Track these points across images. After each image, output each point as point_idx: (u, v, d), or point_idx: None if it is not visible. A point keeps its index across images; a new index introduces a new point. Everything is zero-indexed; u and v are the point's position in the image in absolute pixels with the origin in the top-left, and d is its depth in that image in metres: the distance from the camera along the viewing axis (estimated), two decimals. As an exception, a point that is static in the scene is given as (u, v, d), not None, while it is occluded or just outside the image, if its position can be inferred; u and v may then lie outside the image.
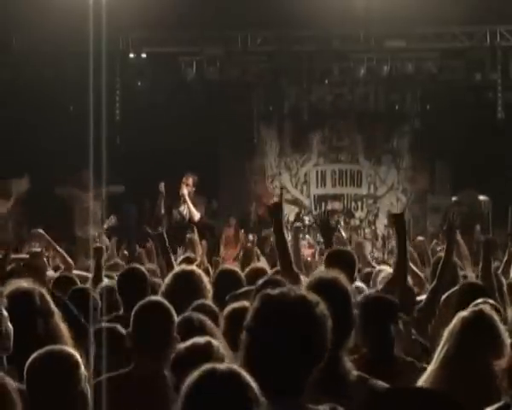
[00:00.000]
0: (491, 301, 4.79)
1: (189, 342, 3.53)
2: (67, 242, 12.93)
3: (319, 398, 2.97)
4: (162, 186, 13.59)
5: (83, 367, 3.29)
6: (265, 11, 14.02)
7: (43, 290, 4.02)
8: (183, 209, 13.76)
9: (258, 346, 2.75)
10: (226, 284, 5.72)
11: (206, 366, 2.57)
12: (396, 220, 5.63)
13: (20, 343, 3.60)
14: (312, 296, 2.86)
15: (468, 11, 13.97)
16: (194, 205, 13.68)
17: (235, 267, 6.87)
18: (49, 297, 3.98)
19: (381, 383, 3.42)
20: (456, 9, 13.89)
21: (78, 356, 3.31)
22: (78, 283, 6.51)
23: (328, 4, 13.58)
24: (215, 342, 3.51)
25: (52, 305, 3.93)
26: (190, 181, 13.66)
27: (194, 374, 2.56)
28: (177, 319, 4.16)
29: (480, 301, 4.58)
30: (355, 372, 3.39)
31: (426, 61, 15.75)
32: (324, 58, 15.98)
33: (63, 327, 3.89)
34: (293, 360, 2.72)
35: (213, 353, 3.45)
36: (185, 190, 13.55)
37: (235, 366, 2.62)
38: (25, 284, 4.01)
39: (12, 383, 3.01)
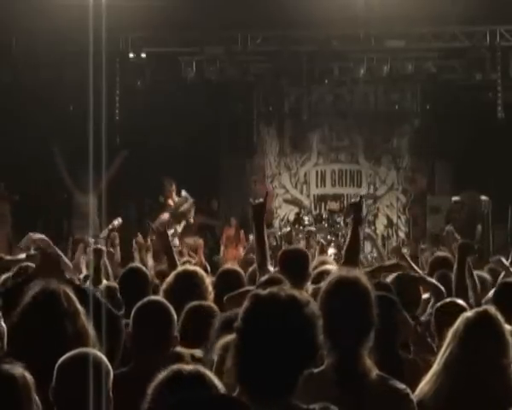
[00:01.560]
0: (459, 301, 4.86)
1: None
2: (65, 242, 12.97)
3: (338, 396, 2.96)
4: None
5: (111, 375, 3.28)
6: (265, 11, 14.01)
7: (68, 290, 3.96)
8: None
9: (247, 346, 2.72)
10: (227, 283, 5.72)
11: (173, 367, 2.59)
12: (353, 210, 5.66)
13: (48, 346, 3.53)
14: (303, 296, 2.83)
15: (468, 11, 13.96)
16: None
17: (237, 267, 6.86)
18: (74, 296, 3.93)
19: (402, 384, 3.42)
20: (455, 9, 13.89)
21: (107, 363, 3.30)
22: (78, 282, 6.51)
23: (328, 4, 13.57)
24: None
25: (78, 304, 3.89)
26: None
27: (162, 375, 2.58)
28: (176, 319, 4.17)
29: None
30: (375, 372, 3.37)
31: (426, 61, 15.74)
32: (324, 58, 15.96)
33: (89, 327, 3.85)
34: (282, 361, 2.69)
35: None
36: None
37: (201, 367, 2.62)
38: (50, 284, 3.95)
39: (31, 379, 2.98)
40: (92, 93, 9.60)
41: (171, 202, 13.98)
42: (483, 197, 15.32)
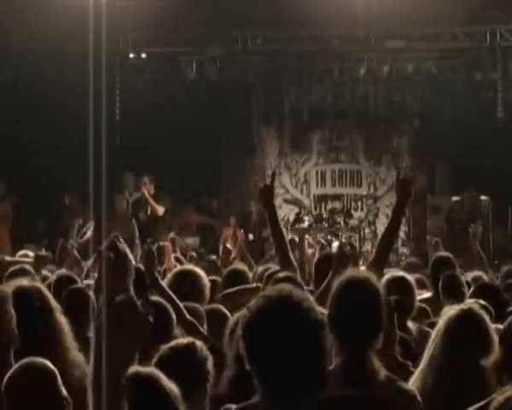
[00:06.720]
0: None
1: (172, 343, 3.54)
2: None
3: (346, 397, 2.95)
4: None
5: (59, 378, 3.26)
6: (265, 11, 14.01)
7: (43, 287, 4.02)
8: (147, 209, 14.03)
9: (259, 351, 2.68)
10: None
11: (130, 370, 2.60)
12: (401, 187, 5.11)
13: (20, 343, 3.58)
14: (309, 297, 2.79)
15: (468, 11, 13.97)
16: (156, 202, 13.88)
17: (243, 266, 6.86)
18: (49, 294, 3.98)
19: (408, 386, 3.41)
20: (456, 9, 13.89)
21: (52, 367, 3.27)
22: (79, 282, 6.51)
23: (329, 4, 13.57)
24: (198, 343, 3.51)
25: (52, 301, 3.93)
26: (146, 181, 13.87)
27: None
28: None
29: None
30: (383, 373, 3.36)
31: (426, 62, 15.75)
32: (324, 58, 15.97)
33: (63, 323, 3.89)
34: (296, 361, 2.64)
35: (196, 353, 3.45)
36: (144, 190, 13.77)
37: (155, 371, 2.62)
38: (25, 282, 4.02)
39: None
40: (92, 93, 9.59)
41: (144, 191, 14.01)
42: (483, 197, 15.31)
